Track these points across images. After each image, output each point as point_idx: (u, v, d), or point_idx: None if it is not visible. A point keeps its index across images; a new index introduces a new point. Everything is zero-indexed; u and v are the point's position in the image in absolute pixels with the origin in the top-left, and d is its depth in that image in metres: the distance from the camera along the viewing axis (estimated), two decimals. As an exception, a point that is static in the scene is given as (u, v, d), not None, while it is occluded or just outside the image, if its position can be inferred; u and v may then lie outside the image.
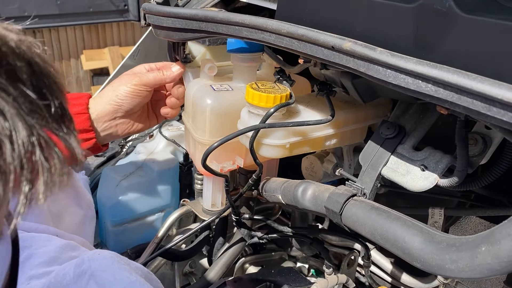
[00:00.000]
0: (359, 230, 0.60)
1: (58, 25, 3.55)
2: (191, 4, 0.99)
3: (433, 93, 0.46)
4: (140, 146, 1.35)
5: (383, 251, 1.01)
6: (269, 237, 0.87)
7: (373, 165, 0.69)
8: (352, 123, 0.80)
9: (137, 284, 0.66)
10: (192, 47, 0.95)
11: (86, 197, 1.14)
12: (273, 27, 0.60)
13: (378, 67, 0.50)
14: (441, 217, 0.80)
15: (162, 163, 1.23)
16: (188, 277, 1.13)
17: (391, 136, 0.70)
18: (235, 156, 0.83)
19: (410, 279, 0.95)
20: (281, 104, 0.70)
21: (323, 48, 0.56)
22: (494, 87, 0.40)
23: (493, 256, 0.42)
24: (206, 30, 0.71)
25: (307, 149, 0.77)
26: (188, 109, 0.86)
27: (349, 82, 0.71)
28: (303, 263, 1.08)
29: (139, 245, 1.12)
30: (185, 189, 1.34)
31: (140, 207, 1.20)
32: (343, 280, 0.86)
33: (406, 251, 0.52)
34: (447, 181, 0.64)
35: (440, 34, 0.50)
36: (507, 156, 0.66)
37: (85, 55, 3.85)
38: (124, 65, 1.65)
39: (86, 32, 3.85)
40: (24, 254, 0.76)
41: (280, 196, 0.76)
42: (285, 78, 0.76)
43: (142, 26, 0.85)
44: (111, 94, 0.84)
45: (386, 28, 0.56)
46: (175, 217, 1.06)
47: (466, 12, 0.48)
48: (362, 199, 0.64)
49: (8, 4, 3.14)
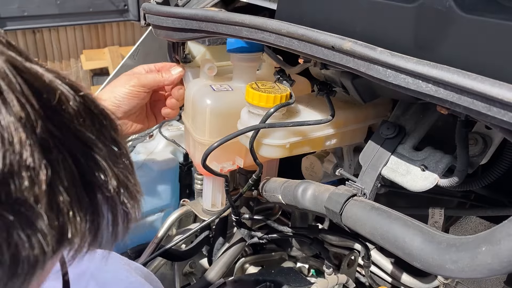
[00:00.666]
0: (359, 230, 0.60)
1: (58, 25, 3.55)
2: (191, 4, 0.99)
3: (434, 93, 0.46)
4: (140, 146, 1.35)
5: (383, 251, 1.01)
6: (269, 237, 0.87)
7: (373, 165, 0.69)
8: (352, 123, 0.80)
9: (137, 284, 0.66)
10: (192, 47, 0.95)
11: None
12: (273, 27, 0.60)
13: (378, 67, 0.50)
14: (441, 217, 0.80)
15: (162, 163, 1.23)
16: (188, 277, 1.13)
17: (391, 136, 0.70)
18: (235, 156, 0.83)
19: (410, 279, 0.95)
20: (281, 104, 0.69)
21: (323, 48, 0.56)
22: (495, 87, 0.40)
23: (493, 256, 0.42)
24: (206, 30, 0.71)
25: (307, 149, 0.77)
26: (188, 109, 0.86)
27: (349, 82, 0.71)
28: (303, 263, 1.08)
29: (139, 245, 1.12)
30: (185, 189, 1.34)
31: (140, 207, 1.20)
32: (343, 280, 0.86)
33: (406, 251, 0.52)
34: (447, 181, 0.64)
35: (440, 34, 0.50)
36: (507, 156, 0.66)
37: (85, 55, 3.85)
38: (124, 65, 1.65)
39: (86, 32, 3.85)
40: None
41: (280, 196, 0.75)
42: (285, 78, 0.76)
43: (142, 26, 0.85)
44: (109, 95, 0.84)
45: (386, 28, 0.56)
46: (175, 217, 1.06)
47: (466, 12, 0.48)
48: (362, 199, 0.64)
49: (8, 4, 3.14)
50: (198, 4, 0.98)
